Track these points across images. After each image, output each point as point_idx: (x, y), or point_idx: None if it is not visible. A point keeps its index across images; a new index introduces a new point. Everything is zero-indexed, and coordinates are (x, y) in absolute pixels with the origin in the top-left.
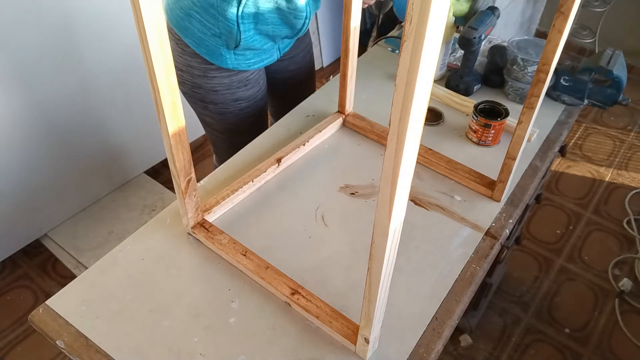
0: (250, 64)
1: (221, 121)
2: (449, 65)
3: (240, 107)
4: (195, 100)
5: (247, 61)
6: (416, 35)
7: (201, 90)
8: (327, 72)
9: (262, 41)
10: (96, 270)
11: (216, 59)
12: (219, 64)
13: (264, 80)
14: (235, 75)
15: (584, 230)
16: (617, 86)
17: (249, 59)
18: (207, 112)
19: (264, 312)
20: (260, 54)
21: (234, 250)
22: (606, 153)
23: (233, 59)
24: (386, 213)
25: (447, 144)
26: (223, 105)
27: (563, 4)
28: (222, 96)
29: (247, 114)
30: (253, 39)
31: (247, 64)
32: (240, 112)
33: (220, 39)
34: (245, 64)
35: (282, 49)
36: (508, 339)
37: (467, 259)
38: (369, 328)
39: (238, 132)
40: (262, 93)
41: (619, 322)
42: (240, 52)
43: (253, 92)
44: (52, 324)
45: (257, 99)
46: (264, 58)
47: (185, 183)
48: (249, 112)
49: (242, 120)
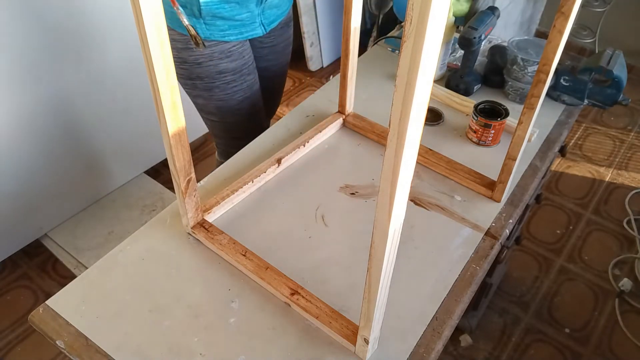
0: (225, 35)
1: (210, 98)
2: (449, 65)
3: (227, 81)
4: (183, 79)
5: (222, 32)
6: (416, 35)
7: (186, 65)
8: (327, 72)
9: (231, 8)
10: (96, 270)
11: None
12: None
13: (250, 56)
14: (216, 46)
15: (584, 230)
16: (617, 86)
17: (223, 30)
18: (196, 91)
19: (264, 312)
20: (237, 25)
21: (233, 251)
22: (606, 153)
23: (204, 29)
24: (386, 213)
25: (447, 144)
26: (209, 80)
27: (564, 5)
28: (206, 69)
29: (234, 88)
30: (216, 5)
31: (222, 35)
32: (227, 86)
33: (187, 9)
34: (219, 34)
35: (267, 25)
36: (508, 339)
37: (467, 259)
38: (368, 328)
39: (230, 111)
40: (249, 67)
41: (619, 322)
42: (209, 22)
43: (238, 65)
44: (52, 324)
45: (243, 72)
46: (243, 31)
47: (185, 183)
48: (237, 86)
49: (230, 97)
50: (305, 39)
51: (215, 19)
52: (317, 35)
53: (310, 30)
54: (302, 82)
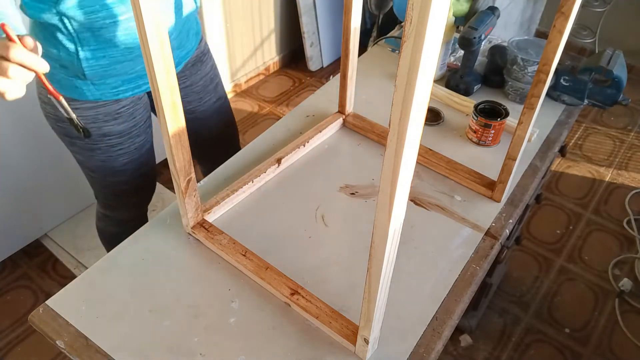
0: (118, 92)
1: (91, 158)
2: (449, 65)
3: (111, 144)
4: (61, 135)
5: (114, 89)
6: (416, 35)
7: (64, 124)
8: (327, 72)
9: (123, 67)
10: (96, 270)
11: (73, 92)
12: (78, 97)
13: (143, 114)
14: (102, 107)
15: (584, 230)
16: (617, 86)
17: (116, 87)
18: (75, 148)
19: (264, 312)
20: (133, 79)
21: (233, 251)
22: (606, 153)
23: (93, 90)
24: (386, 213)
25: (447, 144)
26: (90, 141)
27: (564, 5)
28: None
29: (119, 151)
30: (104, 68)
31: (114, 93)
32: (110, 149)
33: (69, 70)
34: (110, 93)
35: None
36: (508, 339)
37: (467, 259)
38: (368, 328)
39: (113, 172)
40: (139, 128)
41: (619, 322)
42: (98, 82)
43: (126, 128)
44: (52, 324)
45: (132, 134)
46: (141, 83)
47: (185, 183)
48: (122, 149)
49: (114, 159)
50: (305, 39)
51: (106, 78)
52: (317, 35)
53: (310, 30)
54: (302, 82)
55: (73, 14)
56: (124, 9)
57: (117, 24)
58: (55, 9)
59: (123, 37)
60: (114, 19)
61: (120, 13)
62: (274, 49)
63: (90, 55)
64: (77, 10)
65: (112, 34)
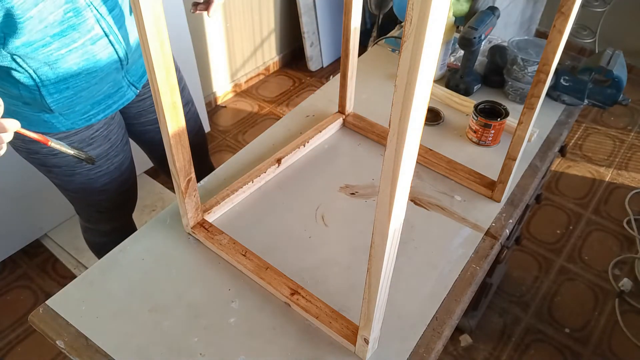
0: (90, 117)
1: (70, 183)
2: (449, 65)
3: (88, 168)
4: (37, 165)
5: (85, 115)
6: (416, 36)
7: (39, 156)
8: (327, 72)
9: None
10: (96, 270)
11: (42, 127)
12: (49, 130)
13: (118, 133)
14: (75, 135)
15: (584, 230)
16: (617, 86)
17: (86, 112)
18: (52, 175)
19: (264, 312)
20: (102, 100)
21: (233, 251)
22: (606, 153)
23: (63, 121)
24: (386, 213)
25: (447, 144)
26: (67, 168)
27: (563, 5)
28: (63, 159)
29: (99, 173)
30: (70, 98)
31: (86, 119)
32: (89, 172)
33: (34, 107)
34: (82, 119)
35: (137, 82)
36: (508, 339)
37: (467, 259)
38: (368, 328)
39: (94, 192)
40: (116, 148)
41: (619, 322)
42: (66, 112)
43: (103, 150)
44: (52, 324)
45: (109, 156)
46: (111, 103)
47: (185, 183)
48: (101, 171)
49: (94, 181)
50: (305, 39)
51: (74, 106)
52: (317, 35)
53: (310, 30)
54: (302, 82)
55: (24, 52)
56: (77, 35)
57: (73, 51)
58: (5, 50)
59: (83, 63)
60: (68, 47)
61: (73, 40)
62: (274, 48)
63: (53, 90)
64: (26, 48)
65: (70, 64)
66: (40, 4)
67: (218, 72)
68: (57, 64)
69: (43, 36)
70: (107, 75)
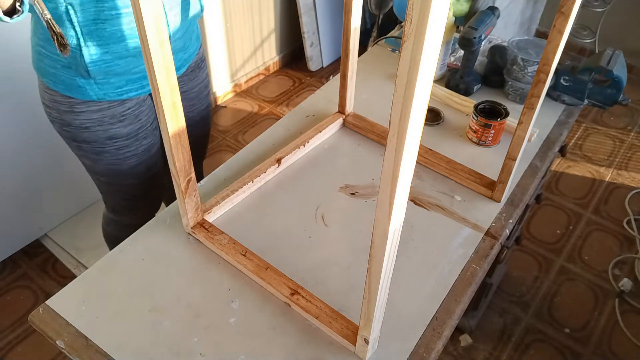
0: (122, 92)
1: (99, 162)
2: (449, 65)
3: (118, 146)
4: (68, 139)
5: (118, 89)
6: (416, 36)
7: (70, 128)
8: (327, 72)
9: (126, 63)
10: (96, 270)
11: (76, 93)
12: (82, 97)
13: (149, 115)
14: (108, 109)
15: (584, 230)
16: (617, 86)
17: (119, 87)
18: (82, 152)
19: (264, 312)
20: (137, 79)
21: (233, 251)
22: (606, 153)
23: (96, 89)
24: (386, 213)
25: (447, 144)
26: (97, 144)
27: (563, 5)
28: (94, 134)
29: (127, 154)
30: (107, 64)
31: (118, 93)
32: (118, 151)
33: (72, 70)
34: (114, 92)
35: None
36: (508, 339)
37: (467, 259)
38: (368, 328)
39: (122, 175)
40: (146, 130)
41: (619, 322)
42: (101, 80)
43: (132, 130)
44: (52, 324)
45: (139, 136)
46: (145, 84)
47: (185, 183)
48: (130, 152)
49: (122, 161)
50: (305, 39)
51: (109, 76)
52: (317, 35)
53: (310, 30)
54: (302, 82)
55: (80, 2)
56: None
57: (121, 16)
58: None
59: (127, 31)
60: (118, 10)
61: (124, 5)
62: (274, 49)
63: (93, 51)
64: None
65: (115, 28)
66: None
67: (218, 72)
68: (104, 24)
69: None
70: None
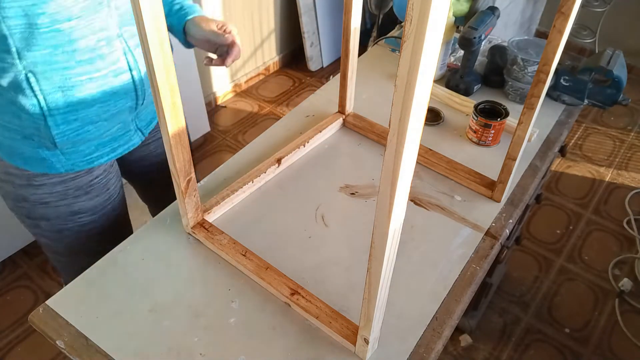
0: (92, 160)
1: (59, 240)
2: (449, 65)
3: (82, 223)
4: (22, 217)
5: (88, 157)
6: (416, 36)
7: (26, 204)
8: (327, 72)
9: (97, 128)
10: (96, 270)
11: (38, 166)
12: (47, 170)
13: (116, 184)
14: (72, 180)
15: (584, 230)
16: (617, 86)
17: (89, 154)
18: (38, 230)
19: (264, 312)
20: (107, 142)
21: (233, 251)
22: (606, 153)
23: (63, 160)
24: (386, 214)
25: (447, 144)
26: (59, 221)
27: (563, 5)
28: (56, 209)
29: (93, 230)
30: (77, 132)
31: (88, 161)
32: (81, 228)
33: (34, 141)
34: (83, 161)
35: (145, 128)
36: (508, 339)
37: (467, 259)
38: (368, 328)
39: (85, 252)
40: (113, 202)
41: (619, 322)
42: (68, 151)
43: (100, 202)
44: (52, 324)
45: (106, 209)
46: (116, 146)
47: (185, 183)
48: (96, 227)
49: (88, 239)
50: (305, 39)
51: (78, 144)
52: (317, 35)
53: (310, 30)
54: (302, 82)
55: (42, 70)
56: (102, 64)
57: (93, 80)
58: (22, 64)
59: (99, 94)
60: (90, 74)
61: (97, 69)
62: (274, 49)
63: (60, 120)
64: (46, 66)
65: (86, 93)
66: (73, 20)
67: (218, 72)
68: (72, 90)
69: (69, 58)
70: (119, 113)
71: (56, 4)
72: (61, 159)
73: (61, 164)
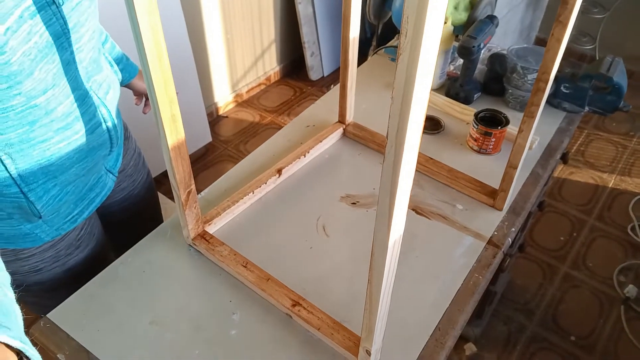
0: (73, 218)
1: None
2: (449, 73)
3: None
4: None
5: (69, 216)
6: (411, 49)
7: (18, 276)
8: (328, 81)
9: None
10: (97, 283)
11: (22, 242)
12: (32, 244)
13: (98, 225)
14: (61, 241)
15: (587, 236)
16: (618, 93)
17: (70, 213)
18: (29, 294)
19: (265, 324)
20: (85, 195)
21: (234, 262)
22: (609, 159)
23: (47, 229)
24: (385, 225)
25: (447, 153)
26: (52, 282)
27: (561, 13)
28: (50, 272)
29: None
30: (57, 197)
31: (72, 220)
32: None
33: (14, 219)
34: (67, 222)
35: (113, 168)
36: (513, 347)
37: (469, 268)
38: (370, 340)
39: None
40: (102, 241)
41: (624, 329)
42: (50, 216)
43: (91, 250)
44: (53, 337)
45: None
46: (93, 197)
47: (185, 195)
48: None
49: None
50: (305, 49)
51: (58, 208)
52: (317, 45)
53: (311, 40)
54: (303, 92)
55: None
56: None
57: (72, 143)
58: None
59: (76, 155)
60: (69, 139)
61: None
62: (274, 59)
63: (41, 191)
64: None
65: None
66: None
67: (219, 82)
68: (50, 159)
69: (46, 131)
70: (95, 165)
71: (32, 80)
72: (45, 228)
73: (46, 233)
